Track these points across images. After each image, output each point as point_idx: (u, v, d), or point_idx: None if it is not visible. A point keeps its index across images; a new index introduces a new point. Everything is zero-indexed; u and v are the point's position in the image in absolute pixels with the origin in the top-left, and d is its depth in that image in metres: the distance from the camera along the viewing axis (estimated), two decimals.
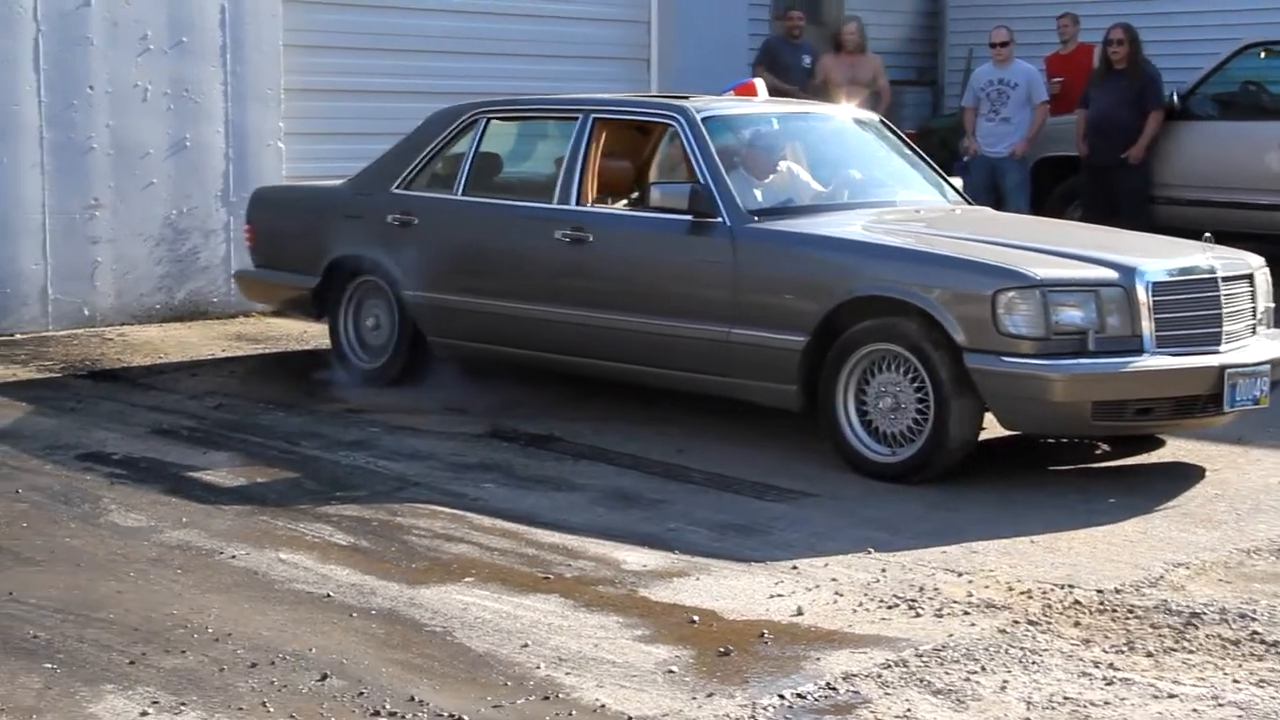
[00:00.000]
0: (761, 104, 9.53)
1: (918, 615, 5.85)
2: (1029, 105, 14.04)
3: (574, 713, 4.89)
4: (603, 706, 4.94)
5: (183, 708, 4.89)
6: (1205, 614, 5.89)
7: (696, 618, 5.77)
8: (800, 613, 5.84)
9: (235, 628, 5.58)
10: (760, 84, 9.78)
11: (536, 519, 6.98)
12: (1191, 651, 5.52)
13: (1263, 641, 5.63)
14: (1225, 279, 7.76)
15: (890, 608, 5.92)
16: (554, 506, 7.20)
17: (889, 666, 5.32)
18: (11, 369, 10.01)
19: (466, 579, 6.18)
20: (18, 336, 10.92)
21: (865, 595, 6.05)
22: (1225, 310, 7.70)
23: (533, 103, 10.27)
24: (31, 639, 5.48)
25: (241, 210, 11.10)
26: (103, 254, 11.42)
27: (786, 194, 8.82)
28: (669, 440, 8.36)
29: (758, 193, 8.60)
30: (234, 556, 6.42)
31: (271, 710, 4.86)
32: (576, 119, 9.06)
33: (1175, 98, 13.77)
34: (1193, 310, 7.61)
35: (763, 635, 5.61)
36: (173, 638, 5.48)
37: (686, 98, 9.21)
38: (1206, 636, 5.67)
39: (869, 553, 6.55)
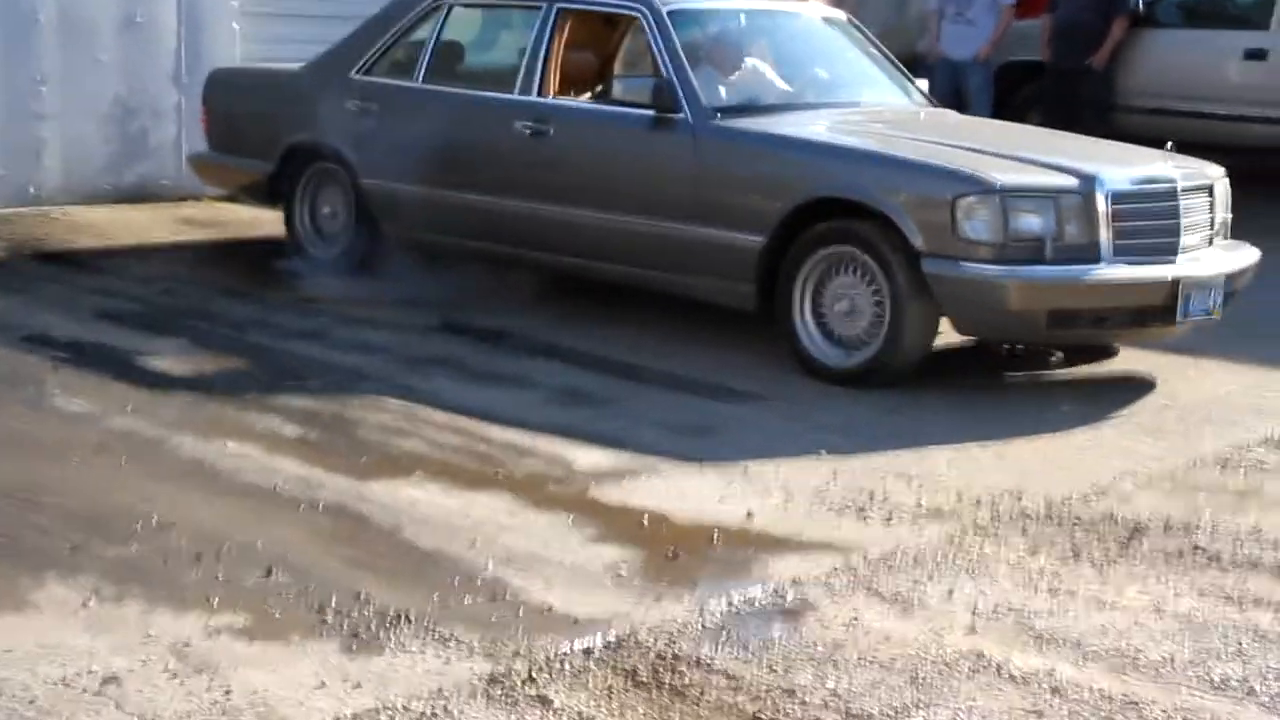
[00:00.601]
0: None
1: (867, 521, 5.86)
2: (995, 8, 13.92)
3: (521, 613, 4.86)
4: (550, 608, 4.92)
5: (125, 599, 4.85)
6: (1150, 525, 5.91)
7: (646, 519, 5.75)
8: (750, 516, 5.82)
9: (180, 518, 5.52)
10: None
11: (488, 415, 6.92)
12: (1135, 563, 5.55)
13: (1205, 553, 5.67)
14: (1185, 190, 7.74)
15: (840, 513, 5.92)
16: (506, 402, 7.14)
17: (836, 572, 5.32)
18: None
19: (415, 474, 6.14)
20: None
21: (815, 500, 6.04)
22: (1183, 221, 7.68)
23: None
24: None
25: (195, 91, 10.91)
26: (49, 131, 11.21)
27: (751, 92, 8.72)
28: (624, 339, 8.31)
29: (722, 89, 8.51)
30: (180, 445, 6.37)
31: (215, 603, 4.82)
32: (540, 8, 8.93)
33: (1140, 4, 13.69)
34: (1151, 220, 7.59)
35: (712, 538, 5.60)
36: (116, 527, 5.43)
37: None
38: (1150, 548, 5.70)
39: (820, 456, 6.53)
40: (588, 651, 4.61)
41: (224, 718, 4.15)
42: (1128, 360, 8.26)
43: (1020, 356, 8.30)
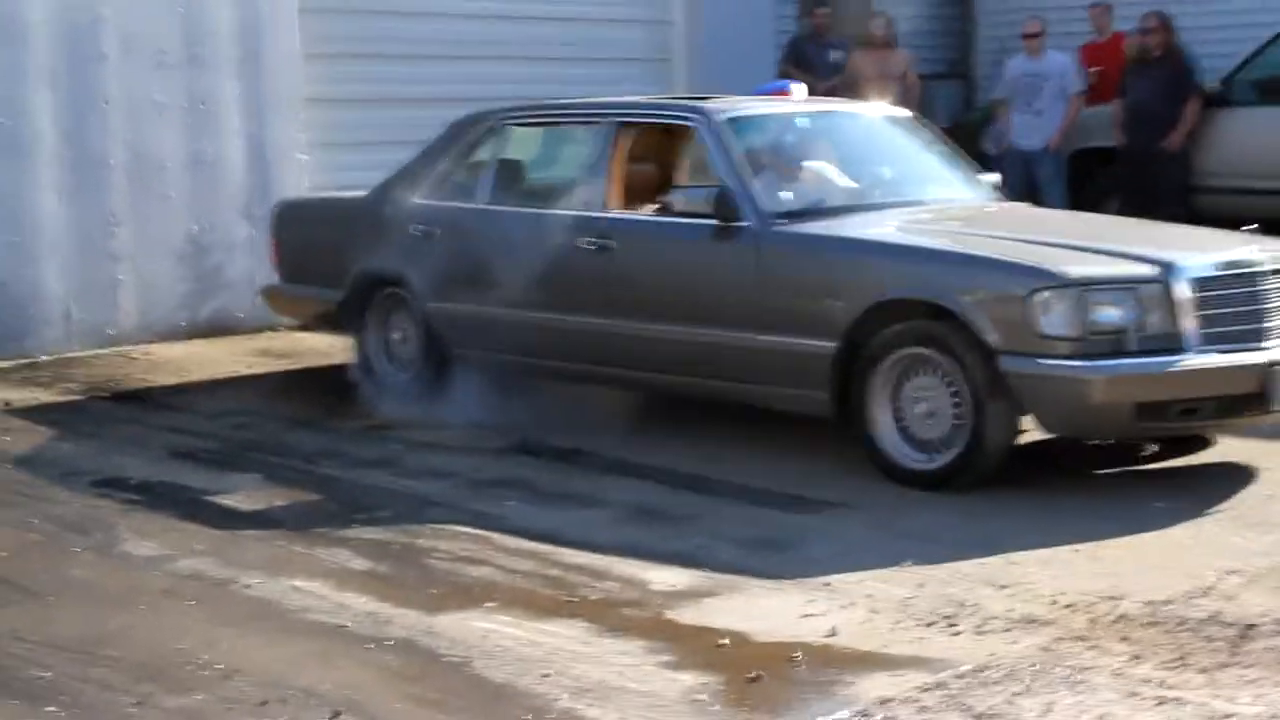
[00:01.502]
0: (786, 103, 9.31)
1: (957, 633, 5.62)
2: (1063, 97, 13.87)
3: None
4: None
5: None
6: (1261, 624, 5.65)
7: (725, 640, 5.55)
8: (834, 633, 5.61)
9: (245, 663, 5.37)
10: (799, 88, 9.56)
11: (561, 538, 6.76)
12: (1248, 666, 5.27)
13: None
14: (1270, 272, 7.53)
15: (928, 625, 5.69)
16: (579, 524, 6.98)
17: (927, 689, 5.09)
18: (34, 392, 9.82)
19: (487, 604, 5.96)
20: (41, 358, 10.72)
21: (901, 612, 5.82)
22: (1272, 305, 7.48)
23: (553, 108, 10.09)
24: (35, 680, 5.29)
25: (265, 224, 10.89)
26: (124, 272, 11.23)
27: (815, 195, 8.57)
28: (698, 451, 8.10)
29: (784, 194, 8.37)
30: (248, 586, 6.22)
31: None
32: (598, 123, 8.88)
33: (1212, 83, 13.56)
34: (1236, 306, 7.38)
35: (794, 658, 5.39)
36: (180, 675, 5.28)
37: (709, 99, 8.99)
38: (1264, 649, 5.43)
39: (905, 566, 6.32)
40: None
41: None
42: (1224, 450, 7.99)
43: (1109, 450, 8.02)
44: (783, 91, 9.51)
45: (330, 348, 10.97)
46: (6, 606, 6.03)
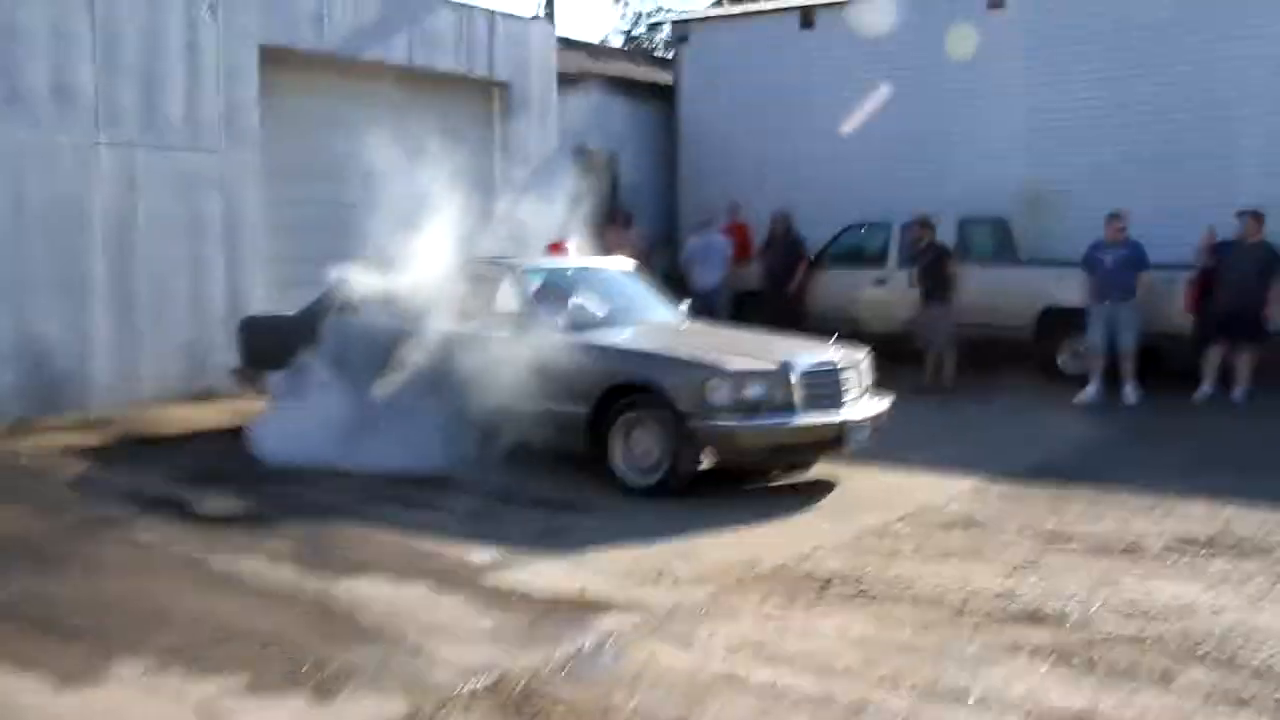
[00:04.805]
0: (561, 260, 9.20)
1: (659, 587, 5.61)
2: (723, 259, 14.08)
3: (432, 664, 4.58)
4: (451, 660, 4.63)
5: (168, 672, 4.51)
6: (834, 578, 5.74)
7: (517, 595, 5.46)
8: (584, 589, 5.55)
9: (210, 614, 5.17)
10: (573, 244, 9.41)
11: (418, 529, 6.58)
12: (828, 604, 5.36)
13: (868, 594, 5.49)
14: (844, 368, 7.65)
15: (641, 583, 5.67)
16: (430, 521, 6.79)
17: (639, 624, 5.07)
18: (86, 437, 9.33)
19: (368, 573, 5.77)
20: (91, 416, 10.19)
21: (625, 575, 5.79)
22: (845, 385, 7.61)
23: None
24: (71, 625, 5.05)
25: (234, 330, 10.47)
26: (144, 359, 10.77)
27: (579, 315, 8.45)
28: (509, 475, 7.81)
29: (558, 318, 8.25)
30: (214, 561, 5.98)
31: (228, 670, 4.48)
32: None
33: (815, 255, 13.89)
34: (825, 386, 7.49)
35: (558, 605, 5.32)
36: (167, 621, 5.07)
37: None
38: (836, 593, 5.52)
39: (629, 546, 6.27)
40: (473, 692, 4.32)
41: None
42: (820, 471, 8.05)
43: (753, 472, 8.03)
44: (560, 246, 9.38)
45: None
46: (51, 574, 5.74)
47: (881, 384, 8.30)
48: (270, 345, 9.48)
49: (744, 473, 7.92)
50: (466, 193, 8.66)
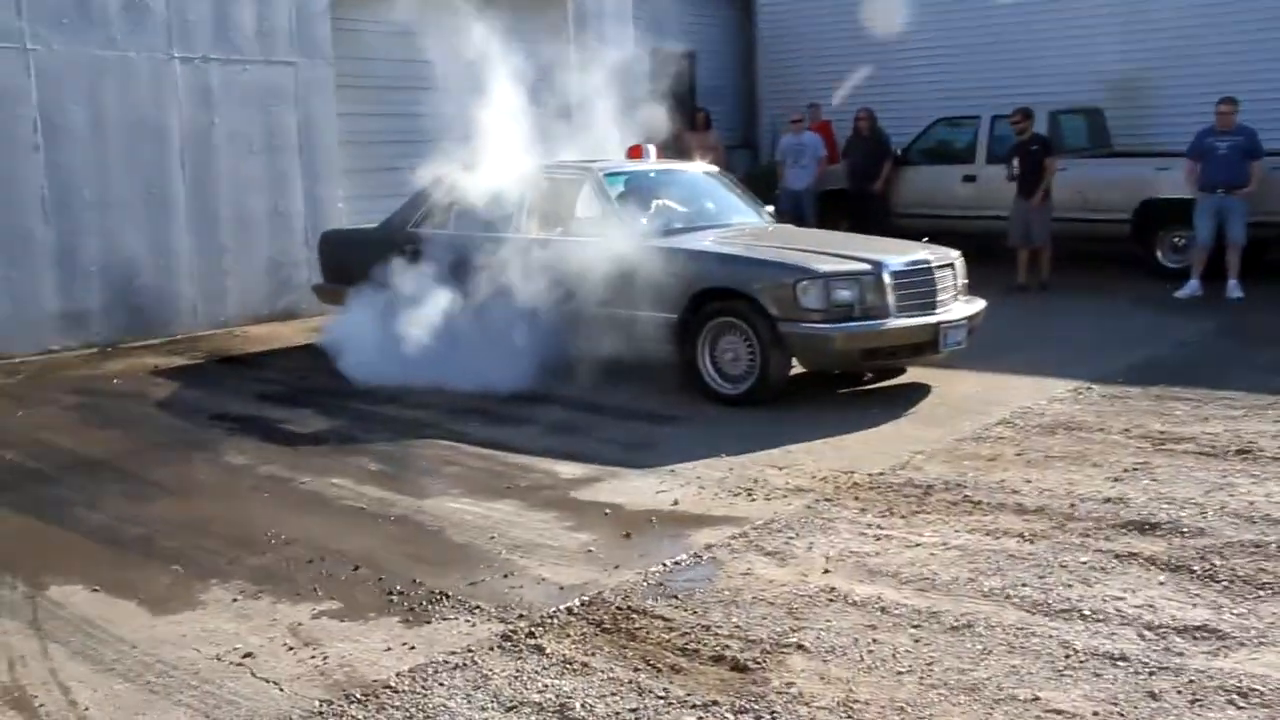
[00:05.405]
0: (643, 162, 8.92)
1: (753, 500, 5.45)
2: (815, 159, 13.68)
3: (524, 584, 4.48)
4: (543, 579, 4.53)
5: (260, 595, 4.46)
6: (935, 485, 5.54)
7: (608, 510, 5.35)
8: (677, 503, 5.42)
9: (300, 534, 5.12)
10: (651, 149, 9.10)
11: (503, 445, 6.47)
12: (929, 513, 5.17)
13: (971, 501, 5.29)
14: (938, 266, 7.36)
15: (735, 495, 5.52)
16: (516, 436, 6.68)
17: (735, 537, 4.93)
18: (171, 359, 9.39)
19: (454, 491, 5.70)
20: (179, 336, 10.27)
21: (719, 487, 5.64)
22: (940, 287, 7.32)
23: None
24: (166, 547, 5.03)
25: (315, 247, 10.42)
26: (230, 280, 10.76)
27: (663, 220, 8.23)
28: (594, 386, 7.70)
29: (641, 222, 8.04)
30: (303, 482, 5.95)
31: (319, 594, 4.43)
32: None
33: (899, 151, 13.47)
34: (918, 288, 7.22)
35: (651, 520, 5.19)
36: (257, 543, 5.03)
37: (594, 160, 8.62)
38: (937, 500, 5.32)
39: (721, 457, 6.12)
40: (569, 610, 4.22)
41: (321, 677, 3.74)
42: (914, 376, 7.85)
43: (846, 378, 7.83)
44: (639, 149, 9.08)
45: None
46: (147, 498, 5.74)
47: (973, 285, 7.99)
48: (351, 260, 9.38)
49: (836, 379, 7.72)
50: (543, 99, 8.44)
